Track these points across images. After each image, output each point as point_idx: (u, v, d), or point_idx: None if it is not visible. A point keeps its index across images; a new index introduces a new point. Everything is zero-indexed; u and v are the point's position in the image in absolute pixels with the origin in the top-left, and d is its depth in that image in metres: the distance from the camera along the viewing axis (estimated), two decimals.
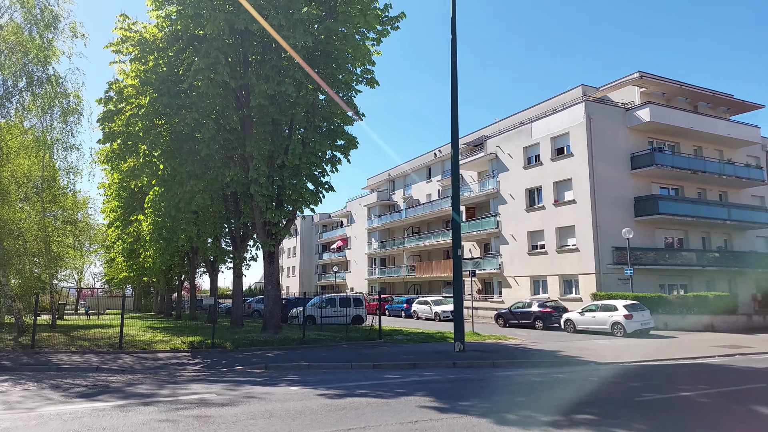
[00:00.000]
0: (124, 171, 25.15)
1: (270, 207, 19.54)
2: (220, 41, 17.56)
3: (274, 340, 17.53)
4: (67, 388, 10.16)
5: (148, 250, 25.83)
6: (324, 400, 8.72)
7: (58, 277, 33.41)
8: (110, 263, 43.82)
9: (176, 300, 43.04)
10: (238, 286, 25.16)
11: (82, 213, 31.40)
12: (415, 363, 13.47)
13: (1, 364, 13.53)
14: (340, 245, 65.95)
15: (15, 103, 20.97)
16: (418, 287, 50.92)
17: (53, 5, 20.53)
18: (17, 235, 21.06)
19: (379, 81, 20.29)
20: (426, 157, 51.27)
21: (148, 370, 12.67)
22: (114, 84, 22.55)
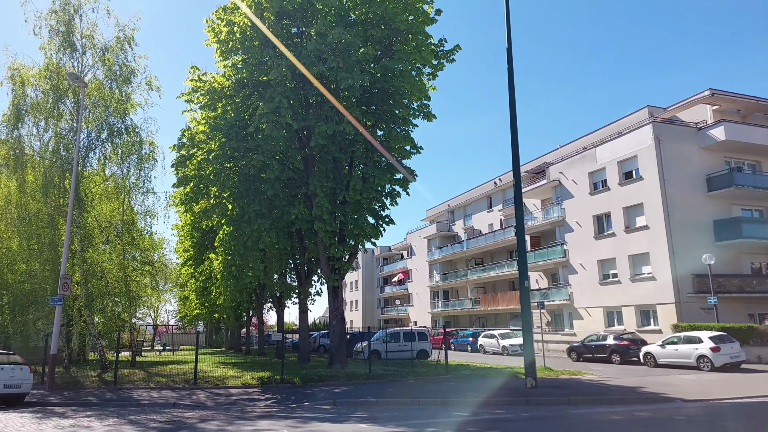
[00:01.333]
0: (196, 212, 26.50)
1: (333, 242, 19.88)
2: (282, 86, 18.40)
3: (340, 375, 17.54)
4: (145, 424, 10.57)
5: (219, 288, 26.80)
6: None
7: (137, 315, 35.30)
8: (184, 301, 45.76)
9: (245, 335, 44.18)
10: (303, 322, 25.53)
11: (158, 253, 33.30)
12: (484, 400, 13.03)
13: (88, 400, 14.31)
14: (401, 278, 65.78)
15: (98, 153, 22.85)
16: (483, 320, 49.66)
17: (130, 61, 22.44)
18: (100, 276, 22.53)
19: (435, 114, 20.49)
20: (486, 187, 50.71)
21: (221, 406, 12.97)
22: (186, 131, 24.08)
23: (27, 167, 20.80)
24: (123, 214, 23.07)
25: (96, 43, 21.88)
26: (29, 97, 20.93)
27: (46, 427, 10.33)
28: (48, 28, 21.02)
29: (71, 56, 21.44)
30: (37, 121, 21.15)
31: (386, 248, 73.16)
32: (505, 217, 46.40)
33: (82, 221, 20.90)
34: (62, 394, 15.71)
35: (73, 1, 21.39)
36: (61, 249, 19.27)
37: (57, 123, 21.29)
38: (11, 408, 13.41)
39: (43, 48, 21.10)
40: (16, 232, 20.57)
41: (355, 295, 75.98)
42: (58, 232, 20.33)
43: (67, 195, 20.10)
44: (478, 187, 52.53)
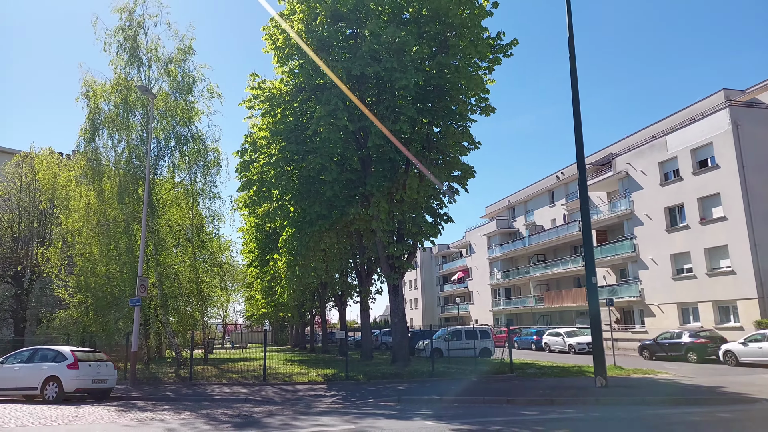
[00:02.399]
0: (260, 215, 27.40)
1: (391, 241, 19.99)
2: (338, 88, 18.69)
3: (403, 372, 17.62)
4: (216, 417, 11.05)
5: (284, 287, 27.59)
6: None
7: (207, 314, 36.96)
8: (250, 300, 47.39)
9: (309, 333, 45.23)
10: (365, 320, 25.83)
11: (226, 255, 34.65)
12: (552, 399, 12.69)
13: (167, 395, 15.14)
14: (461, 276, 65.18)
15: (167, 161, 24.05)
16: (547, 318, 48.36)
17: (192, 71, 23.43)
18: (173, 278, 23.72)
19: (494, 108, 20.13)
20: (548, 181, 49.33)
21: (288, 402, 13.35)
22: (248, 137, 24.93)
23: (104, 177, 22.12)
24: (192, 218, 24.18)
25: (160, 56, 22.93)
26: (103, 110, 22.17)
27: (125, 418, 11.02)
28: (116, 45, 22.16)
29: (138, 70, 22.59)
30: (111, 133, 22.40)
31: (445, 246, 72.68)
32: (569, 212, 44.95)
33: (155, 226, 22.07)
34: (143, 389, 16.70)
35: (137, 17, 22.54)
36: (137, 253, 20.47)
37: (129, 134, 22.53)
38: (99, 402, 14.40)
39: (113, 63, 22.31)
40: (97, 238, 21.96)
41: (415, 293, 76.00)
42: (134, 237, 21.59)
43: (141, 202, 21.31)
44: (539, 182, 51.19)
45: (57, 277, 24.16)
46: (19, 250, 30.24)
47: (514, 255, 52.39)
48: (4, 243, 30.02)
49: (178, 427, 9.82)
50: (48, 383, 14.24)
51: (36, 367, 14.63)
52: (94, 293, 22.12)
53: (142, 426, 10.00)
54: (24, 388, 14.66)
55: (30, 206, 30.55)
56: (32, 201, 30.46)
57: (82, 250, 22.39)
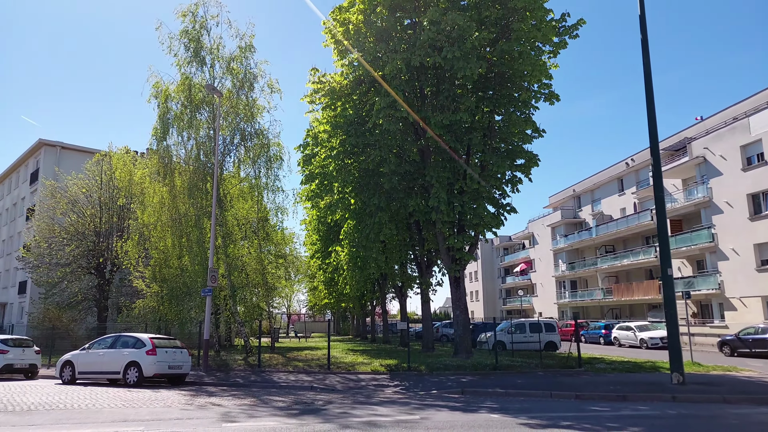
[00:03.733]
0: (321, 207, 27.88)
1: (452, 233, 19.76)
2: (397, 80, 18.60)
3: (466, 365, 17.44)
4: (276, 404, 11.36)
5: (346, 278, 28.01)
6: (528, 430, 8.30)
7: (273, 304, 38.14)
8: (313, 291, 48.49)
9: (370, 324, 45.76)
10: (426, 311, 25.77)
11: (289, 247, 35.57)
12: (624, 395, 12.15)
13: (236, 381, 15.76)
14: (524, 268, 63.68)
15: (233, 156, 24.87)
16: (616, 311, 46.40)
17: (253, 68, 24.00)
18: (241, 269, 24.61)
19: (558, 95, 19.40)
20: (616, 168, 47.12)
21: (351, 390, 13.54)
22: (310, 131, 25.35)
23: (175, 174, 23.18)
24: (258, 211, 24.94)
25: (222, 55, 23.60)
26: (172, 110, 23.16)
27: (193, 402, 11.54)
28: (182, 47, 22.99)
29: (202, 69, 23.36)
30: (180, 132, 23.36)
31: (506, 238, 71.20)
32: (640, 200, 42.78)
33: (223, 220, 22.94)
34: (215, 375, 17.48)
35: (200, 18, 23.29)
36: (207, 245, 21.37)
37: (196, 132, 23.44)
38: (175, 386, 15.19)
39: (178, 65, 23.15)
40: (170, 232, 23.09)
41: (475, 285, 75.04)
42: (204, 230, 22.54)
43: (210, 197, 22.19)
44: (607, 170, 48.99)
45: (135, 269, 25.66)
46: (100, 244, 32.39)
47: (580, 246, 50.52)
48: (87, 237, 32.24)
49: (236, 414, 10.15)
50: (129, 368, 15.17)
51: (118, 352, 15.63)
52: (169, 284, 23.29)
53: (201, 410, 10.44)
54: (108, 372, 15.71)
55: (109, 202, 32.60)
56: (111, 197, 32.49)
57: (156, 243, 23.62)
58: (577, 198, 54.18)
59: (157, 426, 8.55)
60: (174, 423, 8.87)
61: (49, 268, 31.80)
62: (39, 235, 32.39)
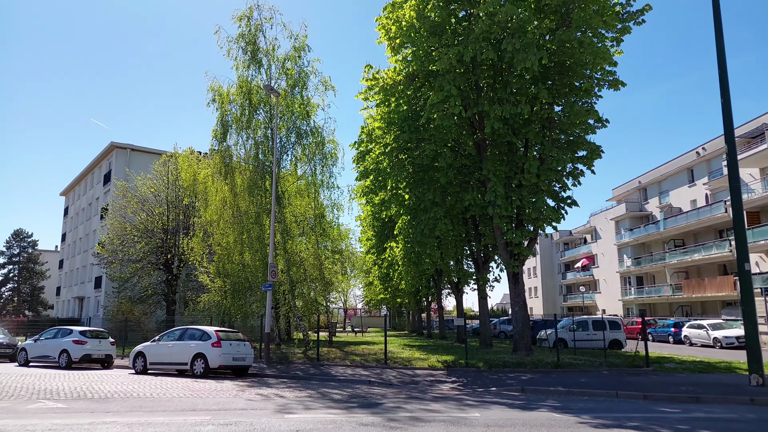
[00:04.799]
0: (376, 204, 28.03)
1: (510, 228, 19.36)
2: (451, 74, 18.34)
3: (526, 362, 17.05)
4: (330, 396, 11.50)
5: (401, 274, 28.06)
6: (593, 430, 8.01)
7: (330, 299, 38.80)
8: (368, 286, 48.93)
9: (426, 319, 45.68)
10: (483, 307, 25.41)
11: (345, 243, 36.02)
12: (697, 396, 11.50)
13: (296, 374, 16.14)
14: (585, 264, 61.55)
15: (290, 155, 25.40)
16: (686, 309, 44.03)
17: (306, 67, 24.38)
18: (299, 264, 25.16)
19: (624, 81, 18.55)
20: (686, 158, 44.61)
21: (407, 386, 13.55)
22: (364, 128, 25.51)
23: (235, 173, 23.99)
24: (314, 208, 25.41)
25: (277, 56, 24.13)
26: (230, 112, 23.98)
27: (257, 393, 11.88)
28: (239, 50, 23.71)
29: (258, 71, 23.98)
30: (239, 132, 24.15)
31: (567, 232, 69.05)
32: (712, 191, 40.34)
33: (281, 217, 23.52)
34: (276, 367, 17.98)
35: (255, 22, 23.91)
36: (267, 241, 21.98)
37: (255, 132, 24.15)
38: (238, 378, 15.74)
39: (236, 67, 23.83)
40: (231, 229, 23.93)
41: (534, 281, 73.32)
42: (264, 227, 23.20)
43: (269, 194, 22.80)
44: (675, 159, 46.47)
45: (200, 264, 26.77)
46: (168, 241, 34.06)
47: (647, 240, 48.26)
48: (156, 234, 33.97)
49: (292, 405, 10.36)
50: (196, 359, 15.85)
51: (186, 344, 16.36)
52: (231, 279, 24.15)
53: (264, 401, 10.73)
54: (177, 363, 16.48)
55: (176, 201, 34.19)
56: (177, 196, 34.05)
57: (219, 239, 24.53)
58: (643, 190, 51.75)
59: (224, 415, 8.88)
60: (239, 413, 9.19)
61: (122, 264, 33.77)
62: (112, 233, 34.45)
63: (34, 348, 20.19)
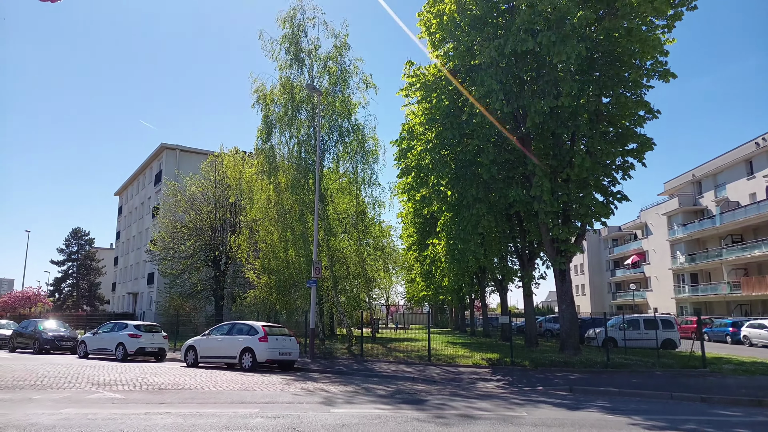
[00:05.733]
0: (418, 200, 27.94)
1: (556, 224, 18.91)
2: (493, 68, 18.06)
3: (574, 361, 16.63)
4: (374, 392, 11.54)
5: (443, 271, 27.88)
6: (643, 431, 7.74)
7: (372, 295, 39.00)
8: (410, 283, 48.91)
9: (469, 317, 45.27)
10: (528, 305, 24.94)
11: (387, 240, 36.14)
12: (759, 399, 10.92)
13: (340, 369, 16.31)
14: (636, 260, 59.48)
15: (332, 153, 25.65)
16: (745, 307, 41.91)
17: (348, 66, 24.52)
18: (342, 261, 25.40)
19: (674, 72, 17.76)
20: (745, 149, 42.40)
21: (452, 383, 13.45)
22: (405, 125, 25.46)
23: (279, 172, 24.42)
24: (356, 205, 25.58)
25: (320, 55, 24.38)
26: (274, 112, 24.43)
27: (302, 387, 12.06)
28: (282, 51, 24.07)
29: (301, 71, 24.30)
30: (282, 132, 24.57)
31: (615, 228, 66.95)
32: None
33: (324, 214, 23.79)
34: (320, 362, 18.22)
35: (297, 23, 24.21)
36: (310, 239, 22.28)
37: (297, 131, 24.50)
38: (284, 372, 16.04)
39: (280, 68, 24.22)
40: (276, 226, 24.39)
41: (581, 279, 71.46)
42: (307, 224, 23.53)
43: (312, 192, 23.09)
44: (732, 151, 44.28)
45: (246, 261, 27.43)
46: (216, 238, 35.07)
47: (702, 236, 46.19)
48: (204, 232, 35.03)
49: (341, 399, 10.46)
50: (244, 353, 16.25)
51: (234, 339, 16.80)
52: (277, 275, 24.63)
53: (309, 395, 10.87)
54: (226, 357, 16.94)
55: (222, 199, 35.16)
56: (224, 195, 35.01)
57: (264, 237, 25.05)
58: (698, 183, 49.54)
59: (271, 408, 9.06)
60: (286, 406, 9.36)
61: (173, 260, 35.01)
62: (163, 231, 35.75)
63: (93, 341, 21.20)
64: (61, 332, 24.44)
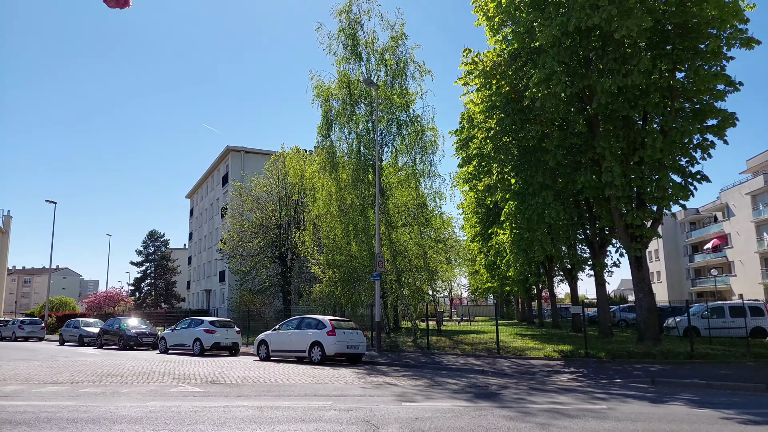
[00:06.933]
0: (480, 190, 27.41)
1: (630, 209, 17.96)
2: (555, 48, 17.34)
3: (654, 352, 15.75)
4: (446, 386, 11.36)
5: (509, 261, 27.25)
6: (741, 427, 7.15)
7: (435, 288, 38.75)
8: (474, 275, 48.24)
9: (536, 308, 44.10)
10: (601, 294, 23.93)
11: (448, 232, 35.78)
12: None
13: (407, 362, 16.29)
14: (717, 244, 55.84)
15: (390, 146, 25.63)
16: None
17: (405, 56, 24.31)
18: (404, 254, 25.37)
19: (759, 39, 16.36)
20: None
21: (523, 376, 13.09)
22: (464, 114, 25.01)
23: (339, 168, 24.66)
24: (416, 198, 25.45)
25: (376, 48, 24.34)
26: (333, 108, 24.64)
27: (370, 381, 12.08)
28: (339, 45, 24.25)
29: (359, 65, 24.37)
30: (341, 127, 24.79)
31: (693, 211, 63.06)
32: None
33: (384, 208, 23.83)
34: (387, 355, 18.28)
35: (353, 16, 24.24)
36: (372, 233, 22.39)
37: (356, 126, 24.64)
38: (352, 365, 16.21)
39: (337, 63, 24.40)
40: (338, 221, 24.68)
41: (656, 265, 67.91)
42: (368, 218, 23.67)
43: (371, 187, 23.17)
44: None
45: (311, 257, 27.96)
46: (281, 235, 36.05)
47: None
48: (270, 230, 36.08)
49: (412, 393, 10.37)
50: (313, 347, 16.56)
51: (303, 333, 17.15)
52: (341, 269, 24.95)
53: (379, 389, 10.86)
54: (296, 351, 17.34)
55: (286, 197, 36.07)
56: (287, 193, 35.89)
57: (327, 232, 25.42)
58: None
59: (344, 401, 9.14)
60: (357, 399, 9.41)
61: (242, 258, 36.34)
62: (232, 230, 37.17)
63: (172, 337, 22.32)
64: (143, 329, 25.93)
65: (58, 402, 9.06)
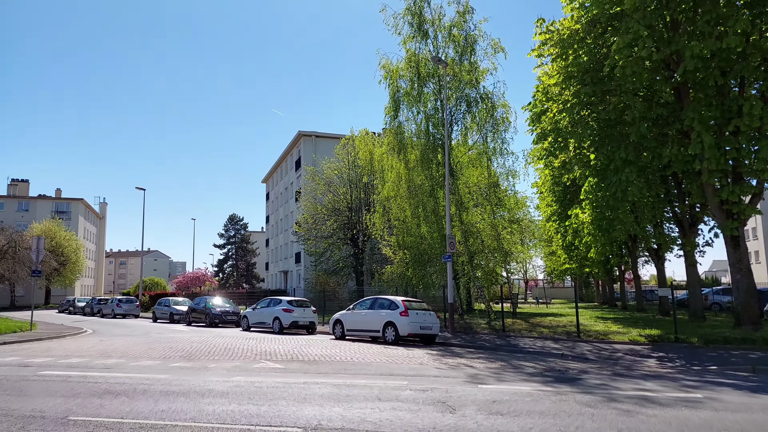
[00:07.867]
0: (556, 167, 26.28)
1: (725, 183, 16.51)
2: (640, 12, 16.07)
3: (755, 338, 14.50)
4: (523, 369, 11.03)
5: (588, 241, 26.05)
6: None
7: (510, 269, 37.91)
8: (550, 256, 46.69)
9: (619, 290, 42.12)
10: (693, 276, 22.37)
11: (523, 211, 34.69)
12: None
13: (482, 344, 16.06)
14: None
15: (460, 125, 25.06)
16: None
17: (473, 31, 23.50)
18: (476, 235, 24.91)
19: None
20: None
21: (607, 361, 12.48)
22: (538, 87, 23.96)
23: (408, 148, 24.44)
24: (489, 177, 24.80)
25: (443, 24, 23.66)
26: (401, 88, 24.32)
27: (445, 362, 11.98)
28: (405, 24, 23.75)
29: (425, 43, 23.78)
30: (410, 107, 24.42)
31: None
32: None
33: (455, 188, 23.42)
34: (461, 337, 18.13)
35: None
36: (442, 214, 22.11)
37: (424, 106, 24.19)
38: (426, 346, 16.22)
39: (404, 42, 23.91)
40: (407, 203, 24.56)
41: (755, 245, 62.60)
42: (438, 199, 23.39)
43: (441, 167, 22.81)
44: None
45: (382, 238, 28.16)
46: (352, 218, 36.59)
47: None
48: (342, 212, 36.71)
49: (487, 375, 10.17)
50: (387, 327, 16.74)
51: (376, 313, 17.36)
52: (411, 251, 24.93)
53: (453, 370, 10.72)
54: (370, 330, 17.60)
55: (356, 180, 36.47)
56: (357, 176, 36.26)
57: (397, 213, 25.42)
58: None
59: (419, 381, 9.13)
60: (432, 380, 9.37)
61: (316, 240, 37.33)
62: (306, 213, 38.20)
63: (253, 315, 23.37)
64: (227, 308, 27.35)
65: (152, 375, 9.71)
